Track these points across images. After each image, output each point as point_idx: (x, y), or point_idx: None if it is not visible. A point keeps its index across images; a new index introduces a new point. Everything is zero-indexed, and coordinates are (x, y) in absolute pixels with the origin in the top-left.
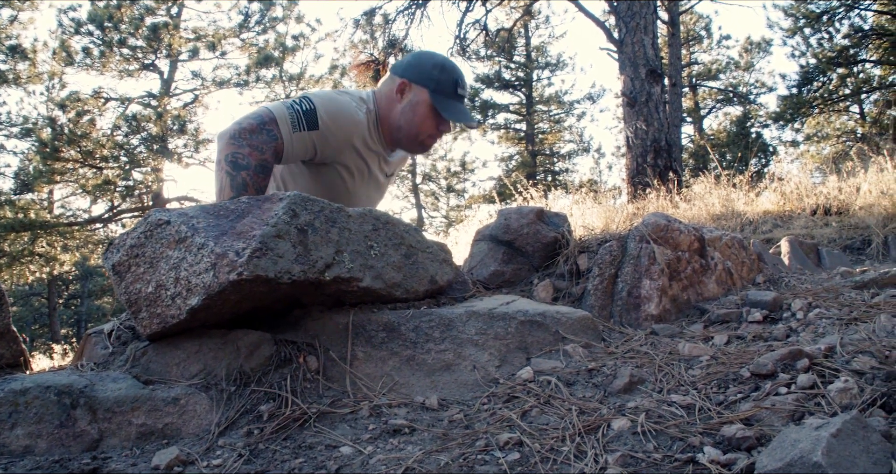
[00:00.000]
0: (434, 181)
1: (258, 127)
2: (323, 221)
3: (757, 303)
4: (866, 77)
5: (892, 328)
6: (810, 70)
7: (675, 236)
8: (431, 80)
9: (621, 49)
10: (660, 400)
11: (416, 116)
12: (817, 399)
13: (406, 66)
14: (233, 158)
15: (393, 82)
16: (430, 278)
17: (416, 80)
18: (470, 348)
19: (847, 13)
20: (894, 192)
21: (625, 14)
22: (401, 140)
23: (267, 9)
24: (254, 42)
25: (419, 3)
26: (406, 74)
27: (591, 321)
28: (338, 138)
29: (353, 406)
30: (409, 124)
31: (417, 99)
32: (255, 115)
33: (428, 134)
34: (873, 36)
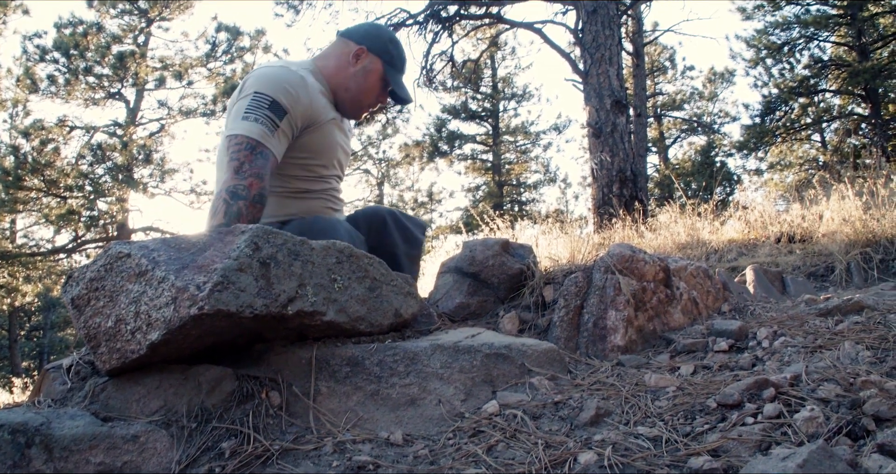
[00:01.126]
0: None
1: (251, 155)
2: (286, 254)
3: (722, 333)
4: (826, 106)
5: (857, 355)
6: (772, 100)
7: (641, 266)
8: (387, 52)
9: (586, 80)
10: (627, 432)
11: (367, 83)
12: (784, 428)
13: (364, 35)
14: (233, 190)
15: (347, 46)
16: (394, 311)
17: (373, 50)
18: (435, 382)
19: (807, 45)
20: (856, 220)
21: (590, 45)
22: (343, 101)
23: (234, 39)
24: (221, 72)
25: None
26: (364, 42)
27: (557, 353)
28: (303, 106)
29: (316, 442)
30: (358, 87)
31: (372, 67)
32: (241, 145)
33: (370, 102)
34: (832, 66)
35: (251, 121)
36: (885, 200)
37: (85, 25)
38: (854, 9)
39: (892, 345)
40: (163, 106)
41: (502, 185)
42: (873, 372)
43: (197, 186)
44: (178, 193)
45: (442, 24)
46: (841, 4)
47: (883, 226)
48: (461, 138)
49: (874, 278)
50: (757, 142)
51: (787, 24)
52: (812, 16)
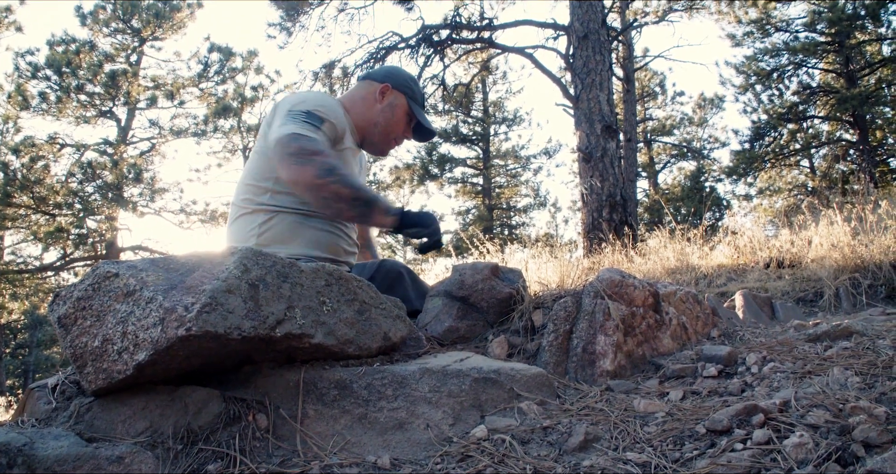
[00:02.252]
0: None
1: (301, 143)
2: (275, 276)
3: (712, 358)
4: (815, 132)
5: (846, 381)
6: (762, 126)
7: (630, 292)
8: (409, 88)
9: (577, 105)
10: (615, 458)
11: (395, 117)
12: (773, 454)
13: (385, 74)
14: (321, 169)
15: (371, 86)
16: (383, 335)
17: (396, 87)
18: (423, 406)
19: (796, 71)
20: (844, 245)
21: (581, 71)
22: (374, 135)
23: (226, 59)
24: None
25: (378, 57)
26: (387, 80)
27: (546, 378)
28: (336, 119)
29: (303, 465)
30: (386, 122)
31: (397, 102)
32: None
33: (396, 135)
34: (821, 93)
35: (289, 124)
36: (874, 226)
37: (77, 43)
38: (842, 36)
39: (881, 370)
40: (154, 125)
41: (492, 209)
42: (862, 397)
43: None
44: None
45: (434, 48)
46: (829, 32)
47: (871, 251)
48: (452, 161)
49: (863, 303)
50: (746, 167)
51: (776, 51)
52: (801, 43)
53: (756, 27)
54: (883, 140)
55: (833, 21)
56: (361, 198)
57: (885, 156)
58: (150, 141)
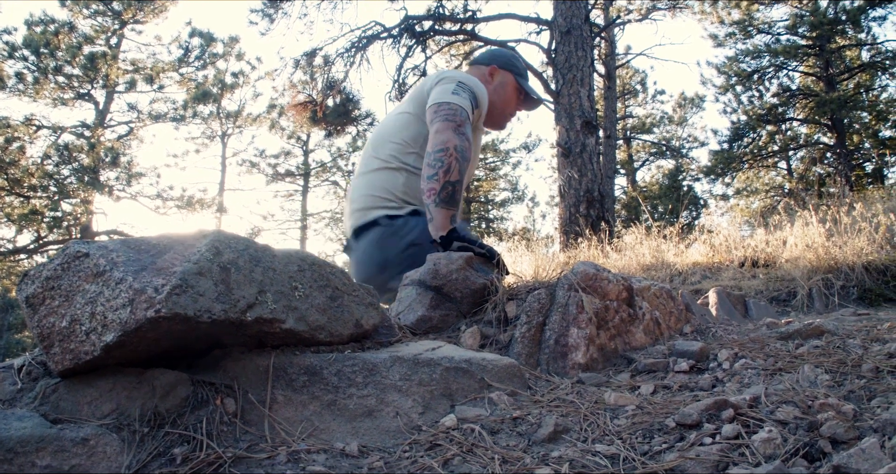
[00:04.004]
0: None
1: (466, 121)
2: (247, 260)
3: (684, 353)
4: (793, 135)
5: (815, 378)
6: (741, 126)
7: (604, 285)
8: (513, 65)
9: (558, 100)
10: (584, 449)
11: (507, 94)
12: (742, 449)
13: (490, 57)
14: (462, 149)
15: (479, 70)
16: (355, 322)
17: (503, 66)
18: (393, 394)
19: (776, 73)
20: (819, 246)
21: (562, 66)
22: (492, 115)
23: (208, 45)
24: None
25: (359, 46)
26: (493, 62)
27: (517, 369)
28: (482, 110)
29: (270, 451)
30: (501, 99)
31: (505, 80)
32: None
33: (511, 110)
34: (800, 96)
35: (462, 97)
36: (848, 228)
37: (57, 24)
38: (823, 40)
39: (850, 368)
40: (132, 109)
41: (470, 202)
42: (831, 395)
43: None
44: (145, 197)
45: (416, 38)
46: (810, 36)
47: (845, 253)
48: None
49: (835, 304)
50: (724, 167)
51: (758, 53)
52: (782, 45)
53: (738, 28)
54: (860, 144)
55: (814, 25)
56: (456, 190)
57: (861, 160)
58: (129, 125)
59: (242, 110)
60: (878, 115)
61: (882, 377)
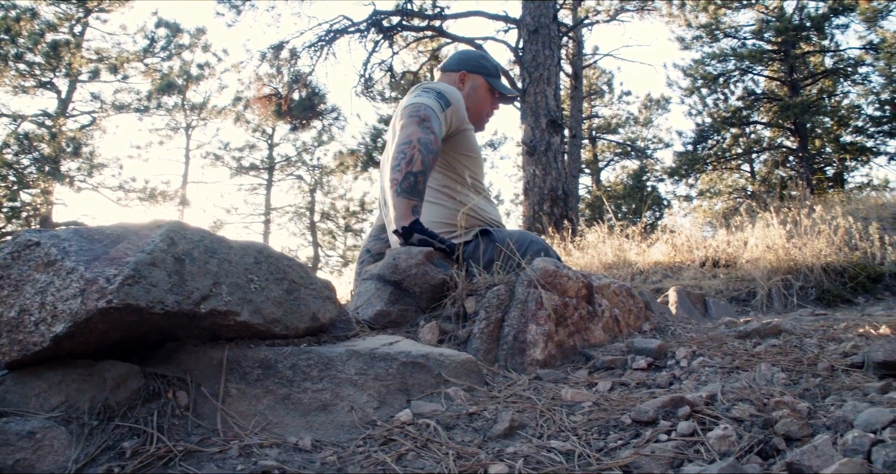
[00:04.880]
0: (332, 220)
1: (431, 116)
2: (202, 251)
3: (642, 351)
4: (757, 138)
5: (772, 376)
6: (705, 129)
7: (564, 282)
8: (482, 67)
9: (524, 98)
10: (539, 445)
11: (479, 97)
12: (697, 446)
13: (458, 62)
14: (426, 141)
15: (451, 76)
16: (311, 315)
17: (472, 69)
18: (349, 388)
19: (741, 77)
20: (779, 247)
21: (529, 64)
22: (470, 116)
23: (174, 35)
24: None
25: (326, 40)
26: (462, 67)
27: (474, 364)
28: (459, 108)
29: (222, 445)
30: (474, 104)
31: (476, 83)
32: (422, 106)
33: (487, 111)
34: (764, 99)
35: (425, 97)
36: (808, 230)
37: (18, 10)
38: (787, 46)
39: (806, 367)
40: (95, 99)
41: None
42: (787, 393)
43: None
44: (106, 189)
45: (383, 33)
46: (775, 41)
47: (804, 254)
48: None
49: (794, 304)
50: (688, 169)
51: (724, 56)
52: (748, 50)
53: (705, 32)
54: (821, 148)
55: (780, 30)
56: (418, 181)
57: (823, 164)
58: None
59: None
60: (840, 120)
61: (837, 375)
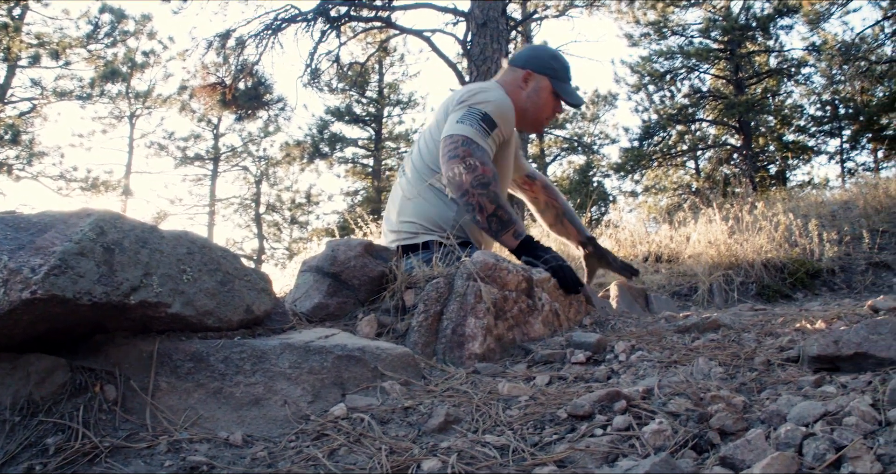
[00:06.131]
0: (278, 212)
1: (470, 149)
2: (133, 241)
3: (581, 345)
4: (702, 135)
5: (709, 371)
6: (651, 125)
7: (503, 275)
8: (550, 68)
9: None
10: (474, 440)
11: (541, 100)
12: (632, 441)
13: (527, 59)
14: (477, 181)
15: (516, 73)
16: (245, 307)
17: (538, 70)
18: (282, 382)
19: (688, 75)
20: (721, 243)
21: (477, 58)
22: (526, 120)
23: (118, 21)
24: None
25: (273, 29)
26: (529, 65)
27: (411, 358)
28: (507, 125)
29: (150, 440)
30: (534, 107)
31: (540, 85)
32: (458, 142)
33: (547, 115)
34: (710, 97)
35: (466, 125)
36: (749, 226)
37: None
38: (733, 45)
39: (743, 361)
40: (36, 85)
41: (381, 191)
42: (723, 387)
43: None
44: (47, 178)
45: (331, 23)
46: (722, 40)
47: (745, 250)
48: (343, 141)
49: (734, 299)
50: (634, 165)
51: (671, 54)
52: (695, 48)
53: (653, 29)
54: (765, 146)
55: (727, 29)
56: (500, 216)
57: (766, 162)
58: (31, 101)
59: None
60: (783, 119)
61: (773, 370)
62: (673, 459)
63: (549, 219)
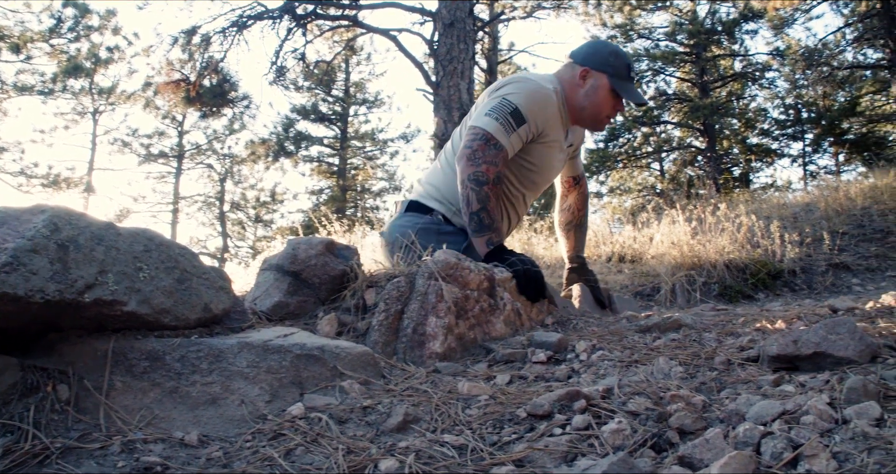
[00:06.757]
0: (242, 210)
1: (485, 145)
2: (88, 238)
3: (542, 344)
4: (667, 137)
5: (670, 370)
6: (617, 127)
7: (465, 274)
8: (609, 65)
9: (437, 92)
10: (432, 440)
11: (598, 98)
12: (591, 440)
13: (586, 55)
14: (474, 177)
15: (574, 69)
16: (203, 306)
17: (597, 67)
18: (240, 381)
19: (654, 77)
20: (684, 244)
21: (443, 58)
22: (584, 119)
23: (82, 16)
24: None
25: (239, 26)
26: (587, 62)
27: (371, 357)
28: (541, 119)
29: (103, 440)
30: (592, 105)
31: (598, 83)
32: (478, 135)
33: (607, 114)
34: (675, 100)
35: (492, 118)
36: (712, 227)
37: None
38: (699, 48)
39: (703, 361)
40: None
41: (346, 190)
42: (683, 386)
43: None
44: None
45: (297, 21)
46: (688, 43)
47: (708, 250)
48: (308, 139)
49: (696, 299)
50: (599, 166)
51: (637, 57)
52: (661, 51)
53: (620, 32)
54: (729, 149)
55: (692, 33)
56: (482, 218)
57: (730, 164)
58: None
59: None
60: (747, 122)
61: (733, 369)
62: (631, 458)
63: (562, 219)
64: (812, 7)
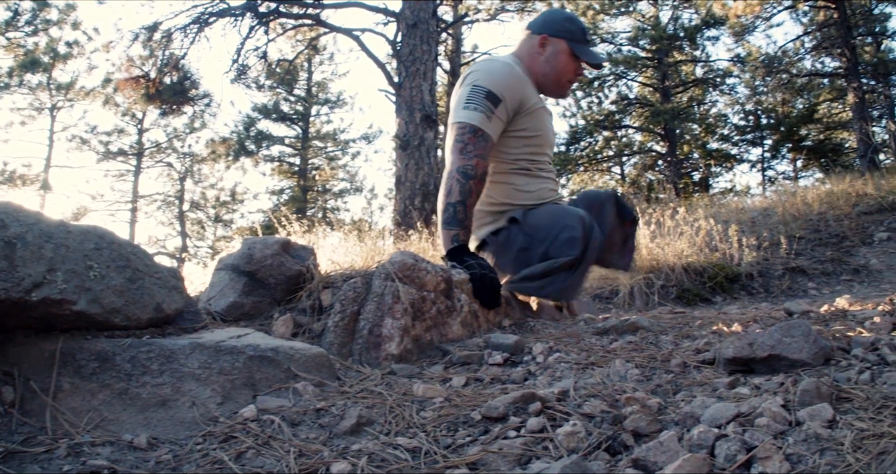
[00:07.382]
0: (202, 210)
1: (474, 137)
2: (37, 235)
3: (499, 346)
4: (628, 141)
5: (626, 372)
6: (579, 130)
7: (422, 276)
8: (566, 30)
9: (399, 92)
10: (386, 442)
11: (559, 63)
12: (545, 443)
13: (542, 23)
14: (464, 170)
15: (532, 39)
16: (155, 305)
17: (554, 33)
18: (191, 383)
19: (616, 82)
20: (642, 247)
21: (406, 59)
22: (547, 85)
23: (40, 9)
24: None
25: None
26: (545, 30)
27: (326, 358)
28: (516, 91)
29: (49, 444)
30: (554, 71)
31: (558, 48)
32: (465, 130)
33: (568, 78)
34: (637, 105)
35: (471, 109)
36: (671, 231)
37: None
38: (661, 54)
39: (659, 363)
40: None
41: (307, 191)
42: (639, 389)
43: None
44: None
45: (259, 19)
46: (650, 48)
47: (666, 254)
48: (269, 139)
49: (655, 302)
50: (561, 169)
51: None
52: (623, 55)
53: None
54: (689, 154)
55: (655, 38)
56: (456, 211)
57: (690, 169)
58: None
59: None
60: (707, 127)
61: (689, 372)
62: (585, 461)
63: None
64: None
